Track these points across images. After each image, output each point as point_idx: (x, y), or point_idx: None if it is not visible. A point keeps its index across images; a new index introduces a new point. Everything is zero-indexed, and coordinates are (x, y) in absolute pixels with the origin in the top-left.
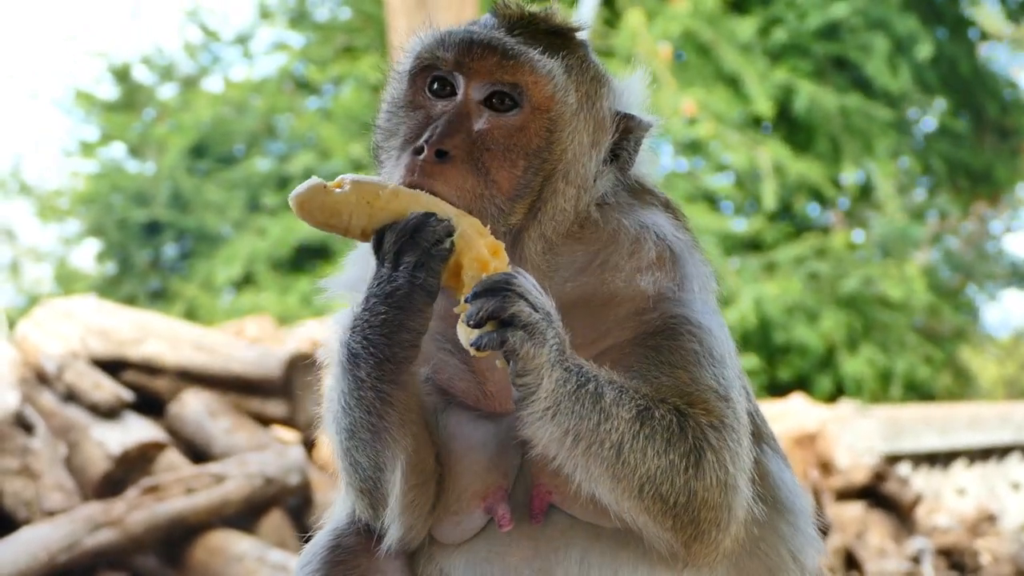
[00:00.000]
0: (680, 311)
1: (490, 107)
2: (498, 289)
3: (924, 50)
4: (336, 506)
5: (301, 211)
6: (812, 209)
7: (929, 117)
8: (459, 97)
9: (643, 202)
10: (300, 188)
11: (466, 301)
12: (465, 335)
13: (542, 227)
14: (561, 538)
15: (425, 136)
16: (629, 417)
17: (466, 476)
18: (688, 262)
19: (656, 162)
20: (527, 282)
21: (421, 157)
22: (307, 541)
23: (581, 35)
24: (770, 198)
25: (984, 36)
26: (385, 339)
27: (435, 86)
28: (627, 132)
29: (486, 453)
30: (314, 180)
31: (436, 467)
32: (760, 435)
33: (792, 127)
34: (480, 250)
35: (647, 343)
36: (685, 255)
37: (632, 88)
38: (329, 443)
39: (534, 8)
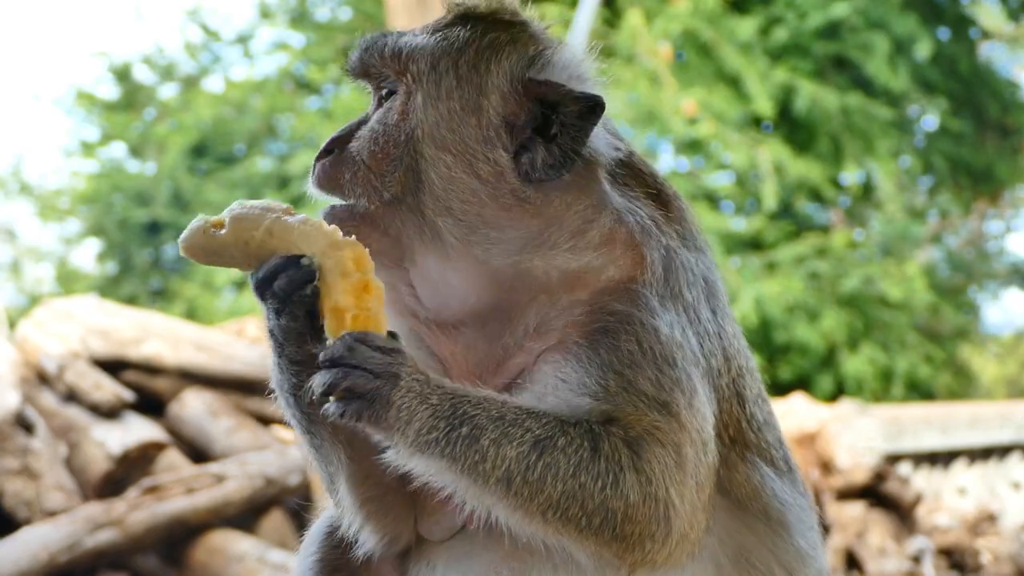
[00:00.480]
0: (622, 306)
1: (380, 104)
2: (335, 362)
3: (924, 49)
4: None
5: (187, 253)
6: (812, 208)
7: (930, 116)
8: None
9: (602, 183)
10: (185, 231)
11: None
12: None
13: (440, 200)
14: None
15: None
16: (518, 453)
17: None
18: (649, 247)
19: (628, 149)
20: (366, 345)
21: (315, 159)
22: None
23: (504, 14)
24: (771, 198)
25: (985, 35)
26: (281, 372)
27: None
28: (547, 102)
29: None
30: (197, 221)
31: (395, 479)
32: (746, 443)
33: (792, 127)
34: (337, 298)
35: (585, 340)
36: (646, 241)
37: (565, 61)
38: None
39: (477, 6)
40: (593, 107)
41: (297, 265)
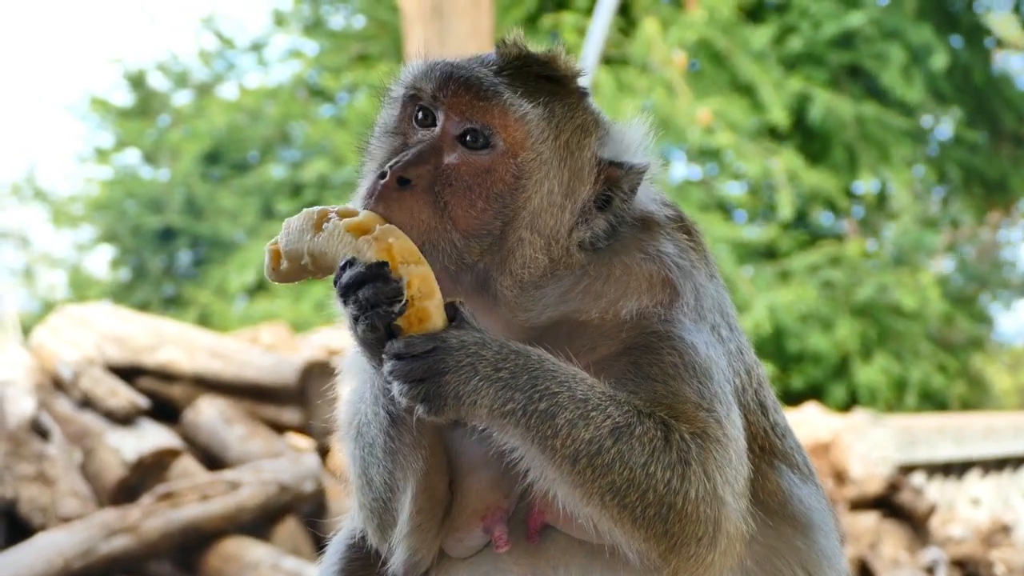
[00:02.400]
0: (662, 327)
1: (464, 143)
2: (400, 355)
3: (939, 60)
4: (353, 510)
5: (279, 282)
6: (826, 218)
7: (944, 126)
8: (437, 129)
9: (648, 233)
10: (265, 266)
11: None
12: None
13: (512, 274)
14: (559, 558)
15: (392, 161)
16: (592, 436)
17: (468, 495)
18: (683, 283)
19: (661, 195)
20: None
21: (382, 181)
22: (324, 547)
23: (578, 81)
24: (786, 207)
25: (1000, 44)
26: (372, 373)
27: (420, 115)
28: (614, 180)
29: (488, 472)
30: (266, 254)
31: (447, 494)
32: (773, 451)
33: (807, 136)
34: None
35: (625, 358)
36: (679, 278)
37: (628, 135)
38: (345, 455)
39: (534, 50)
40: (643, 172)
41: (386, 279)
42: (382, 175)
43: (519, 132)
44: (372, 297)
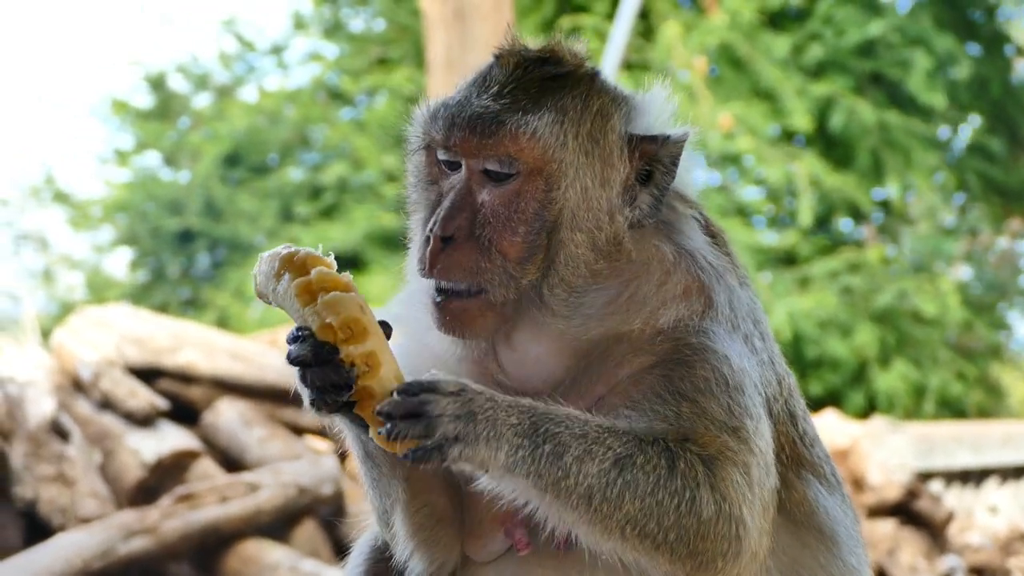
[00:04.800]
0: (696, 339)
1: (490, 178)
2: (412, 414)
3: (963, 70)
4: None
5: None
6: (845, 224)
7: (963, 134)
8: (462, 171)
9: (683, 219)
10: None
11: (378, 414)
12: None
13: (559, 275)
14: (586, 563)
15: (431, 223)
16: (600, 469)
17: (485, 500)
18: (717, 289)
19: (694, 171)
20: (438, 393)
21: (428, 249)
22: (343, 550)
23: (583, 67)
24: (807, 213)
25: (1020, 53)
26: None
27: (444, 158)
28: (650, 154)
29: None
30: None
31: (451, 508)
32: (801, 461)
33: (828, 142)
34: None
35: (658, 371)
36: (715, 283)
37: (652, 105)
38: None
39: (530, 51)
40: (683, 144)
41: (336, 367)
42: (427, 240)
43: (535, 150)
44: (320, 382)
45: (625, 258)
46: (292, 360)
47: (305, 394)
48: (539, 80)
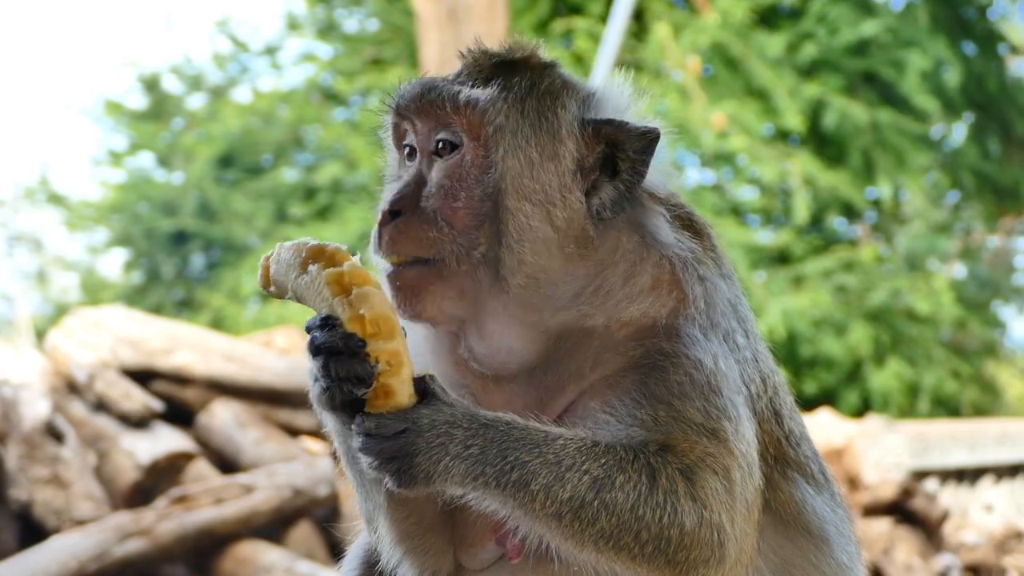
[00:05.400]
0: (668, 345)
1: (439, 155)
2: (370, 433)
3: (955, 75)
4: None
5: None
6: (840, 223)
7: (957, 133)
8: (417, 155)
9: (652, 215)
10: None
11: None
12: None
13: (515, 252)
14: (577, 571)
15: (382, 202)
16: (571, 495)
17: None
18: (690, 282)
19: (675, 173)
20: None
21: (378, 223)
22: (338, 551)
23: (538, 57)
24: (801, 212)
25: (1014, 51)
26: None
27: (407, 152)
28: (613, 141)
29: None
30: (259, 271)
31: (439, 517)
32: (787, 461)
33: (822, 141)
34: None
35: (632, 375)
36: (687, 277)
37: (613, 95)
38: None
39: (488, 46)
40: (652, 139)
41: (361, 360)
42: (378, 220)
43: (474, 116)
44: (342, 372)
45: (590, 247)
46: (318, 346)
47: (319, 384)
48: (492, 65)
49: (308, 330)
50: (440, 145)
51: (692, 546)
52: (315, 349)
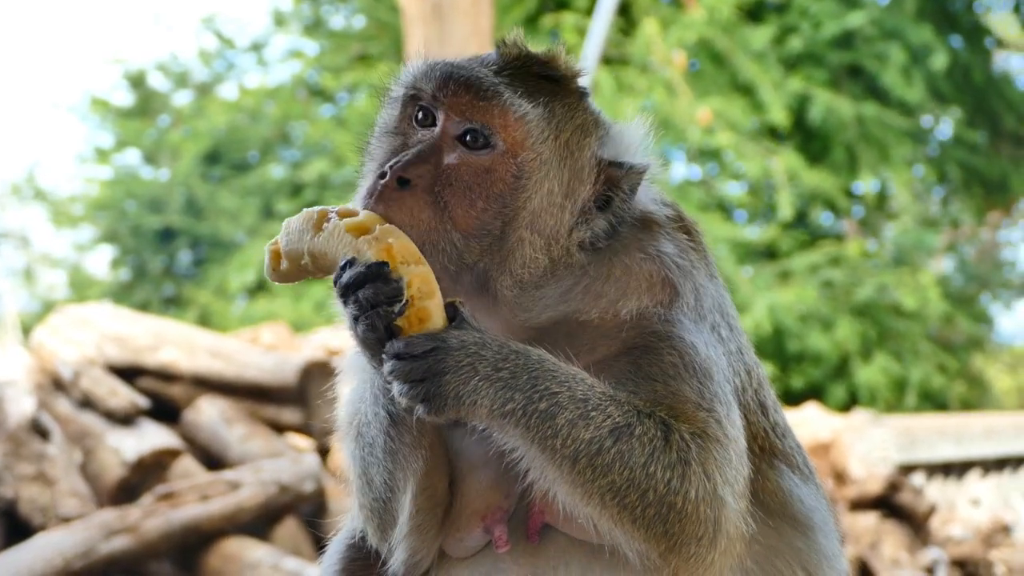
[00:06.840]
0: (661, 327)
1: (464, 144)
2: (400, 356)
3: (939, 61)
4: (353, 510)
5: (278, 282)
6: (826, 218)
7: (944, 126)
8: (437, 129)
9: (648, 233)
10: (265, 265)
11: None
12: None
13: (512, 274)
14: (559, 558)
15: (392, 161)
16: (592, 436)
17: (468, 494)
18: (682, 282)
19: (661, 195)
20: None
21: (383, 181)
22: (324, 547)
23: (578, 81)
24: (786, 207)
25: (1000, 44)
26: (372, 372)
27: (420, 116)
28: (614, 180)
29: (488, 472)
30: (266, 253)
31: (447, 494)
32: (773, 451)
33: (807, 136)
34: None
35: (625, 359)
36: (679, 278)
37: (628, 135)
38: (345, 455)
39: (534, 50)
40: (643, 171)
41: (386, 279)
42: (382, 175)
43: (519, 132)
44: (372, 297)
45: (578, 265)
46: (344, 284)
47: (360, 325)
48: (536, 76)
49: (335, 283)
50: (470, 137)
51: (691, 517)
52: (343, 289)
